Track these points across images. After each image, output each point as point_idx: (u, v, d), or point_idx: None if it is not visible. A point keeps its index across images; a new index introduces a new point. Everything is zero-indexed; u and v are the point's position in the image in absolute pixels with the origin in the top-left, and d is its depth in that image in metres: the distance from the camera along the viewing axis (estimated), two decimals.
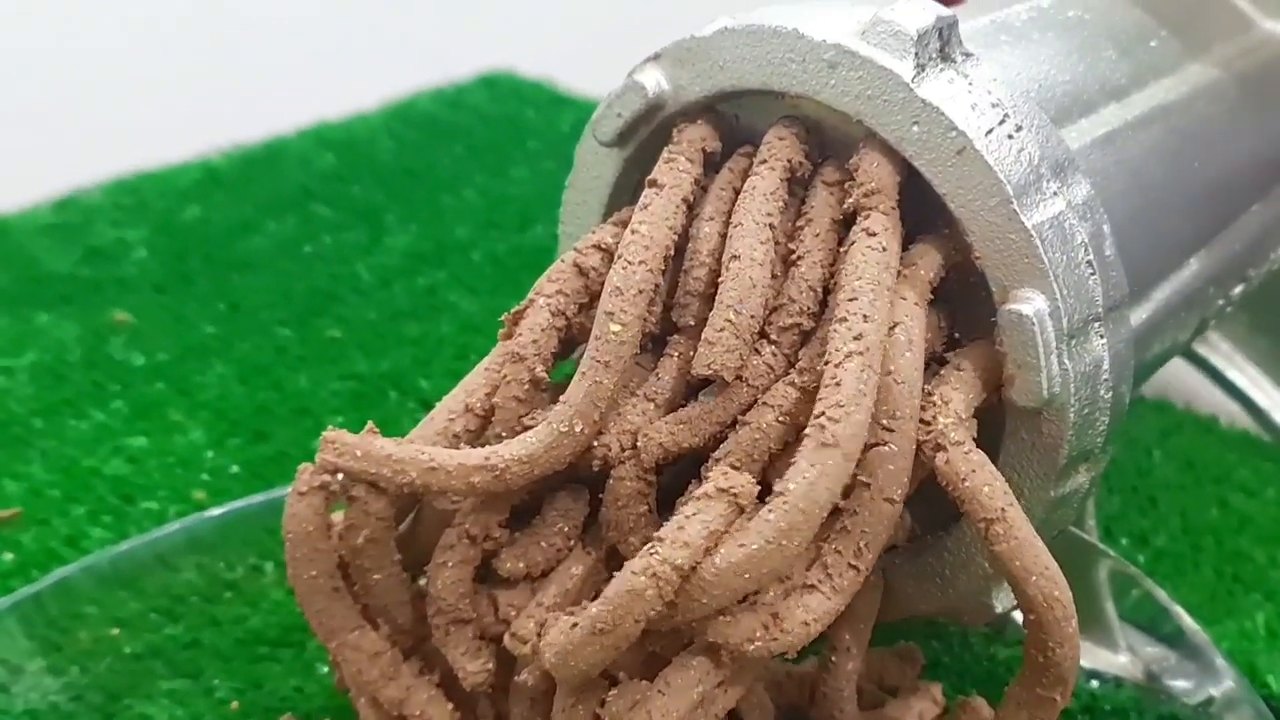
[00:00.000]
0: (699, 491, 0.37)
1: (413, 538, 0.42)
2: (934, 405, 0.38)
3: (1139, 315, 0.44)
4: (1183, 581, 0.57)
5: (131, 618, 0.52)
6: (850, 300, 0.37)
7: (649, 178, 0.41)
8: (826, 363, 0.37)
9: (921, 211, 0.40)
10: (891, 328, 0.38)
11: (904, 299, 0.39)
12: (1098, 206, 0.40)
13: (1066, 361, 0.39)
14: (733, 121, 0.44)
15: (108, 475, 0.61)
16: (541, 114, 0.96)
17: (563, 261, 0.41)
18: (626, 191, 0.45)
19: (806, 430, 0.36)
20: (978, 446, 0.39)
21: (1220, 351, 0.67)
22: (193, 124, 0.88)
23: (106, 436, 0.63)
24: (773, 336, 0.40)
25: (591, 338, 0.39)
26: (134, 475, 0.61)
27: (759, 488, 0.37)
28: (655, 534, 0.36)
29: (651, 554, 0.35)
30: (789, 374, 0.39)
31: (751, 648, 0.36)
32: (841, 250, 0.39)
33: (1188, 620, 0.49)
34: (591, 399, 0.38)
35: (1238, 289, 0.51)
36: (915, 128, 0.39)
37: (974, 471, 0.37)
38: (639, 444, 0.39)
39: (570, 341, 0.42)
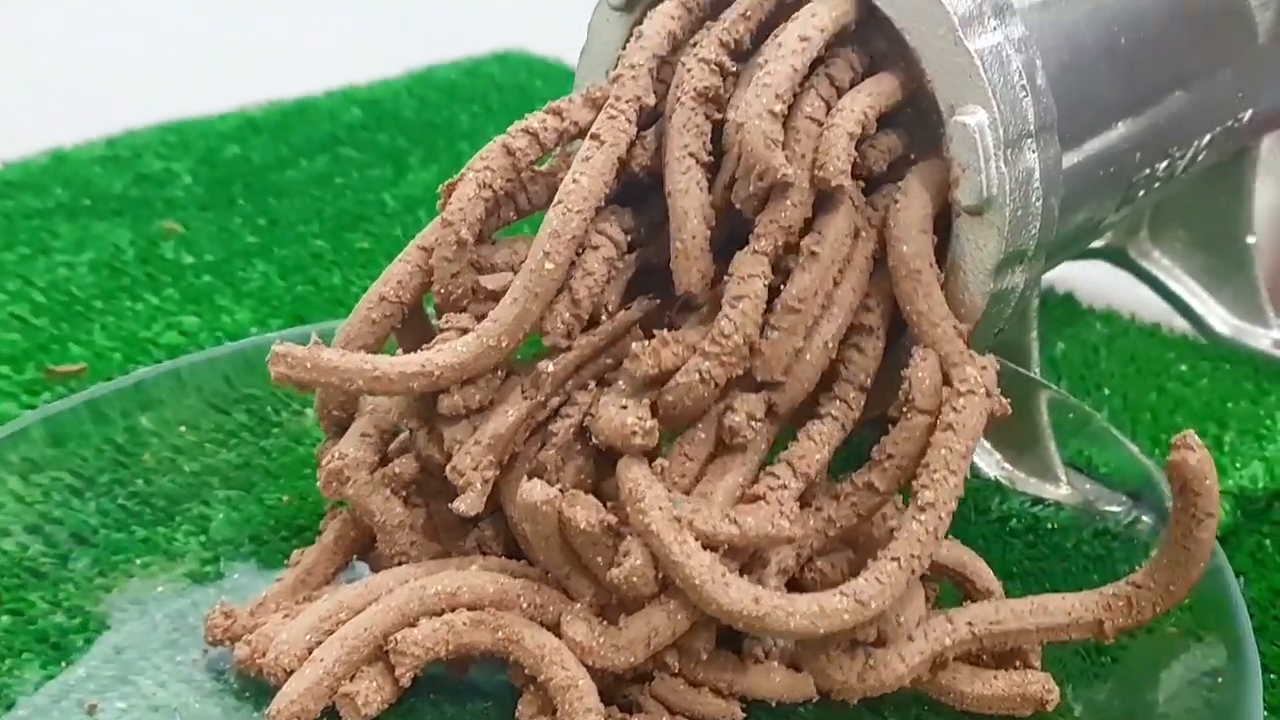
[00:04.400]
0: None
1: None
2: None
3: (1070, 159, 0.51)
4: None
5: (189, 446, 0.58)
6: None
7: (592, 130, 0.47)
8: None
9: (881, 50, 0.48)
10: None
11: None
12: (1032, 43, 0.48)
13: (1003, 167, 0.46)
14: None
15: (163, 344, 0.68)
16: (551, 85, 1.03)
17: (494, 142, 0.47)
18: None
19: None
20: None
21: (1161, 265, 0.74)
22: (230, 82, 0.96)
23: (161, 315, 0.70)
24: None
25: (525, 268, 0.45)
26: (187, 345, 0.68)
27: None
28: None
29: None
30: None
31: None
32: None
33: (1126, 442, 0.56)
34: (520, 322, 0.45)
35: (1162, 164, 0.58)
36: None
37: None
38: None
39: (499, 213, 0.48)
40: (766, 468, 0.45)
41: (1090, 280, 0.77)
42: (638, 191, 0.49)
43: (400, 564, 0.48)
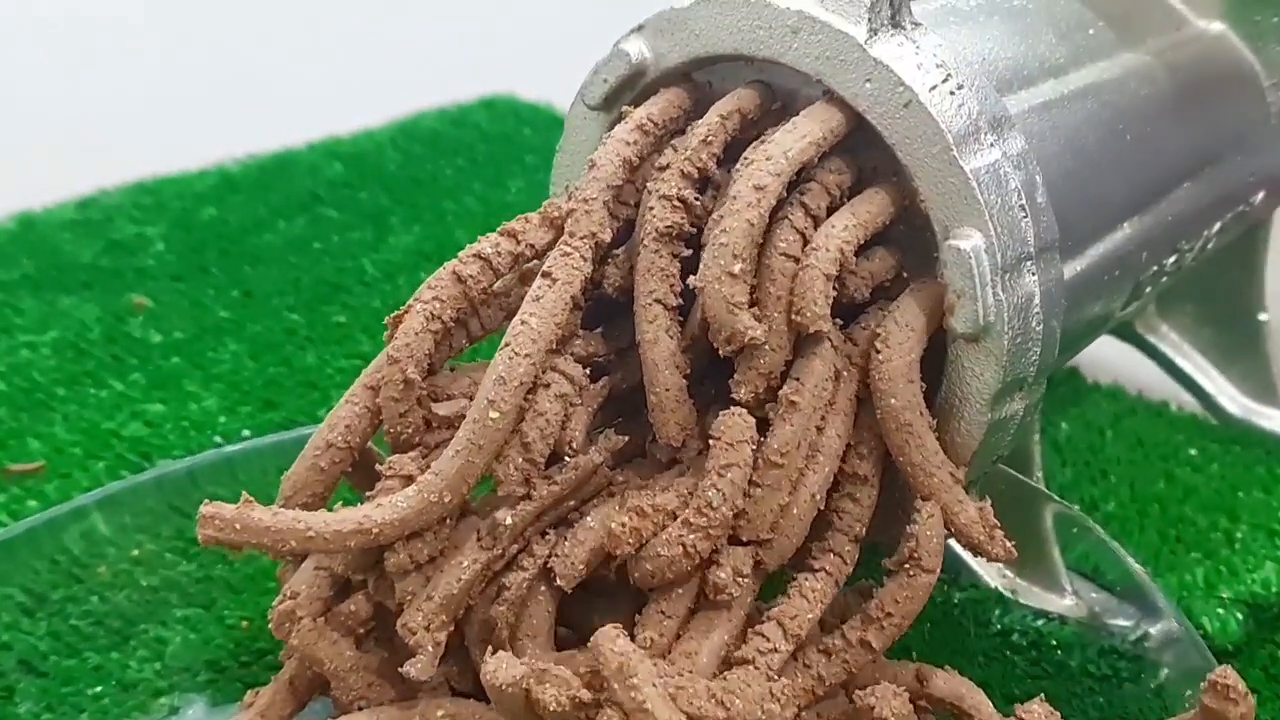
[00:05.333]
0: None
1: None
2: None
3: (1074, 268, 0.49)
4: (1129, 542, 0.61)
5: (148, 556, 0.55)
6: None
7: (544, 268, 0.44)
8: None
9: (873, 164, 0.45)
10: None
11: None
12: (1031, 159, 0.45)
13: (1001, 293, 0.43)
14: (706, 89, 0.48)
15: (126, 436, 0.65)
16: (539, 133, 1.01)
17: (444, 269, 0.44)
18: None
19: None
20: (924, 378, 0.44)
21: (1169, 341, 0.71)
22: (209, 136, 0.93)
23: (125, 403, 0.68)
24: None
25: (470, 415, 0.42)
26: (151, 437, 0.65)
27: None
28: None
29: None
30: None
31: None
32: None
33: (1130, 561, 0.53)
34: (462, 475, 0.41)
35: (1170, 259, 0.56)
36: (868, 84, 0.44)
37: None
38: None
39: (449, 342, 0.45)
40: (755, 626, 0.42)
41: (1096, 354, 0.74)
42: (612, 310, 0.47)
43: (360, 709, 0.45)
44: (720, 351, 0.42)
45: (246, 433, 0.66)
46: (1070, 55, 0.52)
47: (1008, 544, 0.44)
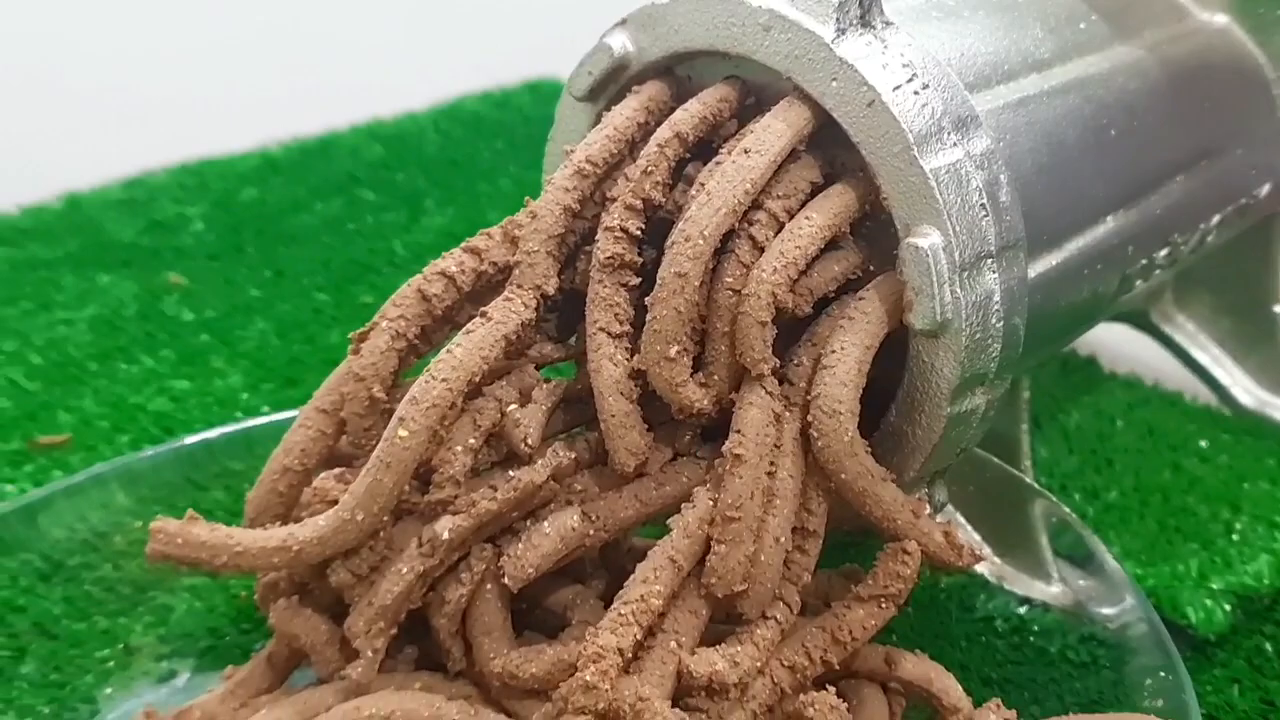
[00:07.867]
0: None
1: None
2: None
3: (1049, 261, 0.49)
4: (1126, 530, 0.61)
5: None
6: None
7: (484, 308, 0.45)
8: None
9: (841, 159, 0.46)
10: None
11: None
12: (996, 159, 0.45)
13: (959, 290, 0.43)
14: (685, 82, 0.49)
15: (151, 411, 0.67)
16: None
17: (408, 286, 0.46)
18: None
19: None
20: (888, 371, 0.45)
21: (1185, 332, 0.71)
22: (255, 118, 0.96)
23: (153, 379, 0.70)
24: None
25: (383, 436, 0.43)
26: (175, 411, 0.68)
27: None
28: None
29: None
30: None
31: None
32: None
33: (1101, 548, 0.53)
34: (372, 494, 0.43)
35: (1162, 252, 0.56)
36: (834, 83, 0.44)
37: None
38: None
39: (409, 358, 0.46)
40: None
41: (1115, 343, 0.74)
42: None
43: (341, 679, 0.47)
44: (673, 414, 0.44)
45: (267, 409, 0.68)
46: (1056, 50, 0.52)
47: (975, 550, 0.45)
